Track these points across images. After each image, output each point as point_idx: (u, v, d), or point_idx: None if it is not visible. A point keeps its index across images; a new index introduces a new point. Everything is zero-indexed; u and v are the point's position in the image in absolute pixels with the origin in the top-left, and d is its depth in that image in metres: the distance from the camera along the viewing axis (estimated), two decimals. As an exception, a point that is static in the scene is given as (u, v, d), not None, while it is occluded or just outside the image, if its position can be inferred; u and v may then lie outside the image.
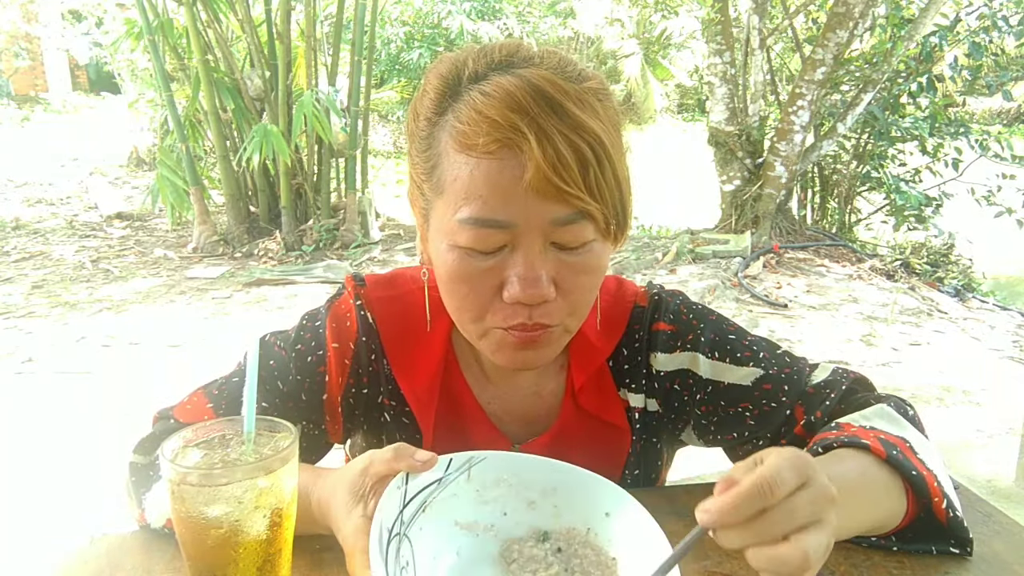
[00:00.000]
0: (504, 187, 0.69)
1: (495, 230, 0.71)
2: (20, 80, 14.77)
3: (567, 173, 0.68)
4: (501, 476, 0.72)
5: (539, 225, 0.70)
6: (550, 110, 0.68)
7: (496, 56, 0.74)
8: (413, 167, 0.79)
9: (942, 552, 0.77)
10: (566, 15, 14.33)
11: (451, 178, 0.72)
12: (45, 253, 6.24)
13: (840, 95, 6.08)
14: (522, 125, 0.68)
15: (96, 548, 0.79)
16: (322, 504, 0.71)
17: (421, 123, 0.76)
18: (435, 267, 0.78)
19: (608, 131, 0.72)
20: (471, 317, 0.77)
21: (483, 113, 0.69)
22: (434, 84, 0.76)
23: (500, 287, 0.73)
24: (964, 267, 5.86)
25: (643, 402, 0.91)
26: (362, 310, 0.89)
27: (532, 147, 0.67)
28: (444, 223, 0.73)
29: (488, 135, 0.68)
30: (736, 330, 0.92)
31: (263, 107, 6.09)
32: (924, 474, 0.74)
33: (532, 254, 0.71)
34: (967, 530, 0.77)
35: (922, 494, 0.74)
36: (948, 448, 3.01)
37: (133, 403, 3.45)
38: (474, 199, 0.70)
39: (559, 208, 0.70)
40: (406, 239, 6.67)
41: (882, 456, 0.74)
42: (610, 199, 0.71)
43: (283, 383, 0.87)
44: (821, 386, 0.87)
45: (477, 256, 0.72)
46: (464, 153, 0.71)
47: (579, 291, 0.75)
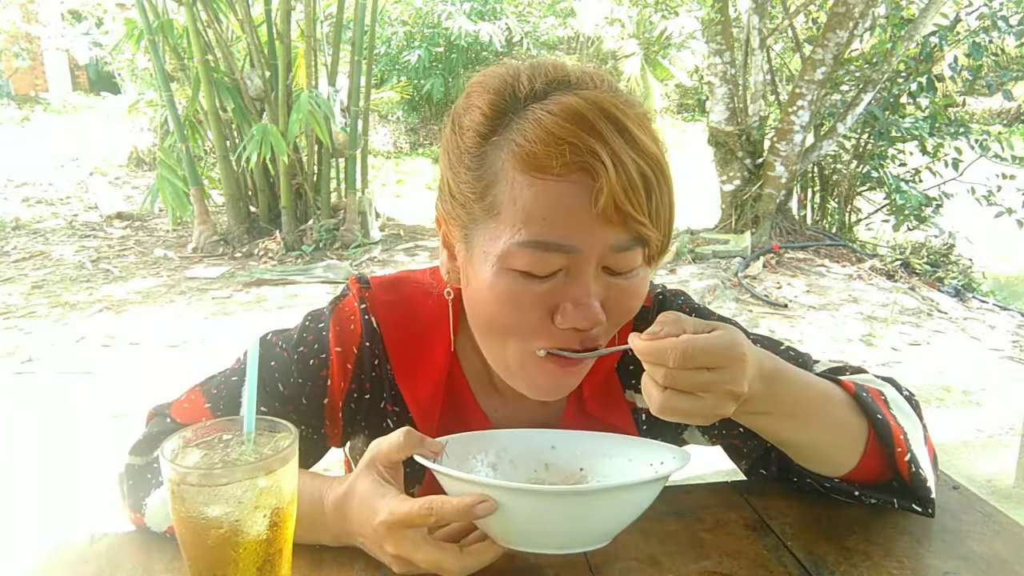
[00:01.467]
0: (573, 211, 0.68)
1: (557, 254, 0.69)
2: (20, 80, 14.76)
3: (636, 198, 0.67)
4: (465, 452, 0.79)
5: (599, 250, 0.70)
6: (618, 132, 0.68)
7: (552, 74, 0.73)
8: (457, 183, 0.75)
9: (904, 508, 0.81)
10: (566, 15, 14.33)
11: (510, 199, 0.70)
12: (45, 253, 6.24)
13: (840, 95, 6.08)
14: (599, 148, 0.66)
15: (96, 548, 0.79)
16: (341, 505, 0.72)
17: (470, 138, 0.73)
18: (475, 289, 0.75)
19: (664, 153, 0.72)
20: (519, 340, 0.75)
21: (554, 134, 0.67)
22: (486, 99, 0.73)
23: (552, 311, 0.72)
24: (964, 267, 5.86)
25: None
26: (366, 314, 0.88)
27: (609, 171, 0.66)
28: (496, 245, 0.71)
29: (562, 157, 0.66)
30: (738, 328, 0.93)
31: (263, 107, 6.09)
32: (891, 424, 0.77)
33: (587, 279, 0.71)
34: (930, 490, 0.80)
35: (885, 440, 0.77)
36: (948, 448, 3.01)
37: (133, 403, 3.45)
38: (537, 222, 0.68)
39: (621, 233, 0.69)
40: (406, 239, 6.67)
41: (850, 391, 0.78)
42: (664, 224, 0.72)
43: (284, 385, 0.86)
44: (824, 375, 0.88)
45: (531, 280, 0.71)
46: (529, 174, 0.68)
47: (623, 316, 0.76)
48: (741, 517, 0.84)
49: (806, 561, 0.75)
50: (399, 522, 0.65)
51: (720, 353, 0.64)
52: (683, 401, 0.64)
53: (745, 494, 0.89)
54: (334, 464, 1.28)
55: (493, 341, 0.78)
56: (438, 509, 0.64)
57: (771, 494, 0.88)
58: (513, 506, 0.63)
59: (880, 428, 0.77)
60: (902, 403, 0.83)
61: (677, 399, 0.64)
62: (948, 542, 0.79)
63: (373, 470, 0.70)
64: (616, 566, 0.73)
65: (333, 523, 0.72)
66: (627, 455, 0.78)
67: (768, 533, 0.80)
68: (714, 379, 0.64)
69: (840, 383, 0.79)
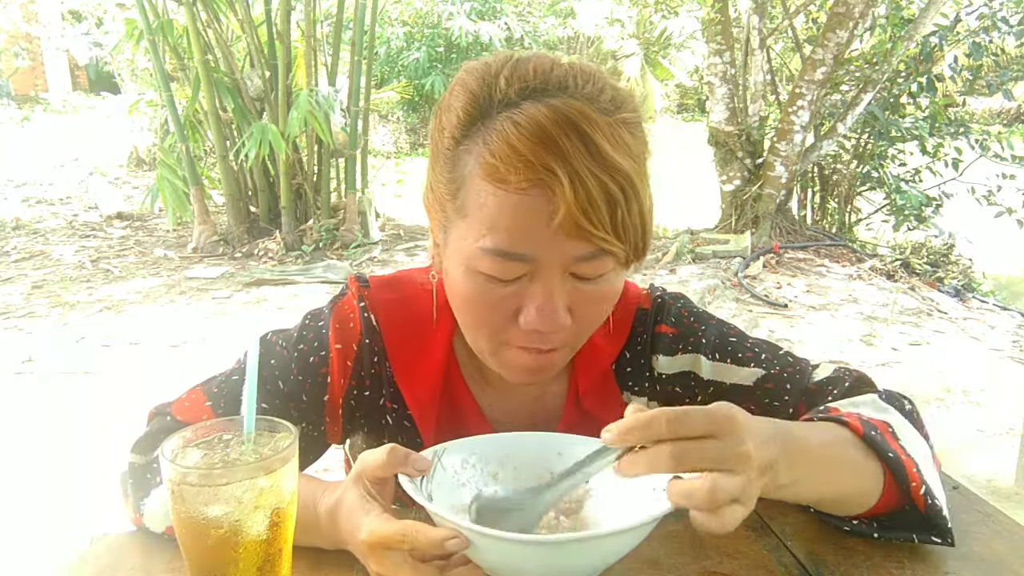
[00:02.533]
0: (531, 224, 0.69)
1: (517, 262, 0.71)
2: (20, 80, 14.77)
3: (596, 215, 0.68)
4: (465, 458, 0.76)
5: (561, 260, 0.71)
6: (583, 147, 0.68)
7: (530, 78, 0.72)
8: (436, 180, 0.77)
9: (924, 542, 0.77)
10: (566, 15, 14.34)
11: (476, 204, 0.71)
12: (45, 253, 6.24)
13: (840, 95, 6.08)
14: (556, 166, 0.67)
15: (96, 548, 0.79)
16: (332, 513, 0.71)
17: (446, 139, 0.75)
18: (450, 283, 0.79)
19: (637, 168, 0.71)
20: (485, 335, 0.78)
21: (516, 148, 0.68)
22: (462, 101, 0.74)
23: (516, 312, 0.74)
24: (964, 267, 5.86)
25: (646, 405, 0.91)
26: (366, 312, 0.89)
27: (565, 190, 0.66)
28: (464, 246, 0.73)
29: (520, 173, 0.68)
30: (737, 333, 0.92)
31: (263, 107, 6.09)
32: (902, 458, 0.74)
33: (551, 285, 0.72)
34: (947, 520, 0.76)
35: (900, 478, 0.74)
36: (948, 448, 3.01)
37: (133, 403, 3.45)
38: (499, 231, 0.70)
39: (583, 246, 0.70)
40: (406, 239, 6.67)
41: (859, 432, 0.74)
42: (633, 237, 0.71)
43: (284, 383, 0.87)
44: (824, 383, 0.87)
45: (496, 283, 0.73)
46: (492, 184, 0.70)
47: (592, 317, 0.77)
48: (741, 517, 0.83)
49: (806, 561, 0.75)
50: (378, 543, 0.64)
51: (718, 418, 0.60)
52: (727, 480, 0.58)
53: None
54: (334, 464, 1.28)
55: (467, 331, 0.81)
56: (411, 538, 0.62)
57: (771, 494, 0.88)
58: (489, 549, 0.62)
59: (893, 466, 0.74)
60: (907, 429, 0.80)
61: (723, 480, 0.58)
62: (948, 542, 0.79)
63: (360, 484, 0.69)
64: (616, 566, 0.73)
65: (327, 530, 0.72)
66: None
67: (768, 533, 0.80)
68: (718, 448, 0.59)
69: (846, 423, 0.75)
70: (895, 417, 0.80)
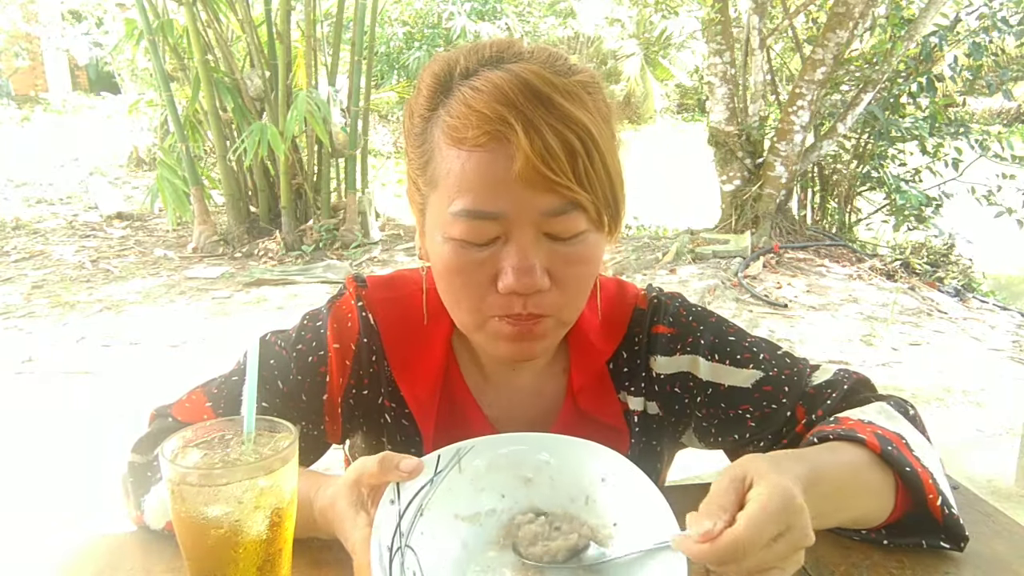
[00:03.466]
0: (494, 179, 0.70)
1: (487, 221, 0.72)
2: (20, 80, 14.76)
3: (556, 163, 0.69)
4: (492, 460, 0.72)
5: (530, 216, 0.71)
6: (538, 102, 0.69)
7: (487, 53, 0.76)
8: (409, 163, 0.80)
9: (932, 546, 0.78)
10: (566, 15, 14.34)
11: (444, 172, 0.74)
12: (45, 253, 6.24)
13: (840, 95, 6.08)
14: (510, 117, 0.69)
15: (96, 548, 0.79)
16: (325, 513, 0.71)
17: (416, 120, 0.78)
18: (432, 261, 0.80)
19: (597, 123, 0.72)
20: (467, 308, 0.77)
21: (472, 107, 0.70)
22: (427, 82, 0.77)
23: (495, 278, 0.74)
24: (964, 267, 5.86)
25: (642, 405, 0.91)
26: (363, 311, 0.89)
27: (520, 138, 0.68)
28: (439, 216, 0.75)
29: (477, 128, 0.70)
30: (736, 332, 0.92)
31: (263, 107, 6.09)
32: (919, 471, 0.75)
33: (525, 244, 0.72)
34: (963, 527, 0.77)
35: (916, 490, 0.74)
36: (948, 448, 3.01)
37: (133, 403, 3.45)
38: (465, 192, 0.72)
39: (550, 199, 0.71)
40: (406, 239, 6.67)
41: (876, 451, 0.74)
42: (600, 190, 0.72)
43: (283, 383, 0.87)
44: (822, 386, 0.87)
45: (471, 248, 0.73)
46: (455, 147, 0.72)
47: (573, 281, 0.76)
48: (741, 517, 0.83)
49: (806, 561, 0.75)
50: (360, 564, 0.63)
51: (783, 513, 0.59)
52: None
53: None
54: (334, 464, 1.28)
55: (453, 309, 0.80)
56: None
57: (771, 494, 0.88)
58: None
59: (910, 480, 0.74)
60: (918, 439, 0.80)
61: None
62: (948, 542, 0.79)
63: (355, 490, 0.68)
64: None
65: (322, 526, 0.72)
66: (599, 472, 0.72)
67: (768, 533, 0.80)
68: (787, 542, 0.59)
69: (863, 441, 0.75)
70: (906, 428, 0.80)
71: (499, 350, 0.79)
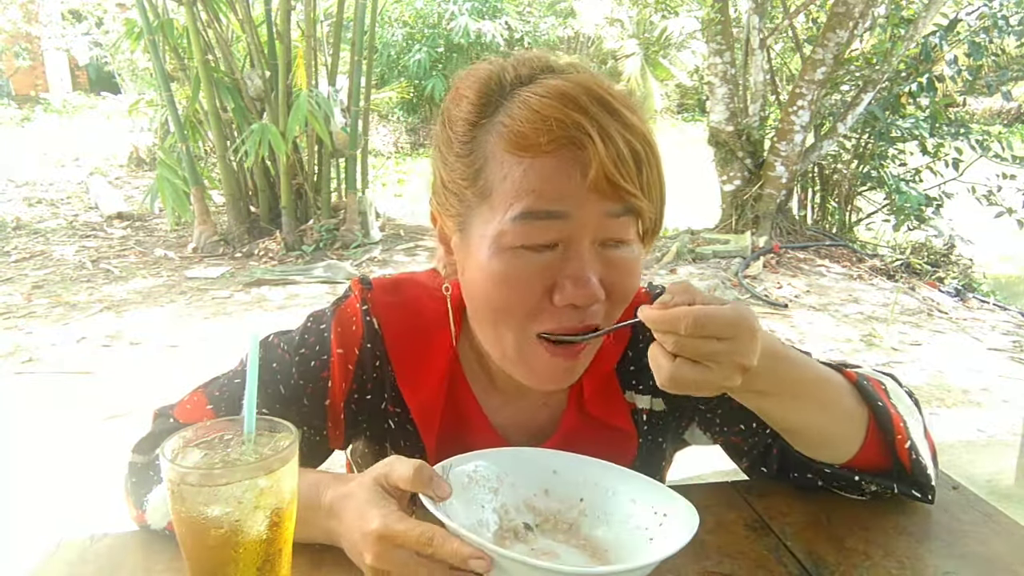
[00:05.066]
0: (562, 182, 0.69)
1: (552, 221, 0.70)
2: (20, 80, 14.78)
3: (625, 170, 0.69)
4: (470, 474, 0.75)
5: (593, 219, 0.70)
6: (606, 110, 0.70)
7: (536, 63, 0.75)
8: (449, 173, 0.77)
9: (903, 493, 0.81)
10: (566, 15, 14.34)
11: (500, 179, 0.71)
12: (45, 253, 6.24)
13: (840, 95, 6.08)
14: (586, 123, 0.68)
15: (96, 548, 0.79)
16: (336, 504, 0.71)
17: (459, 127, 0.75)
18: (473, 276, 0.76)
19: (652, 133, 0.74)
20: (517, 324, 0.75)
21: (541, 112, 0.69)
22: (474, 88, 0.75)
23: (550, 290, 0.72)
24: (964, 267, 5.86)
25: (650, 403, 0.91)
26: (368, 315, 0.88)
27: (597, 145, 0.68)
28: (491, 227, 0.72)
29: (550, 133, 0.68)
30: None
31: (263, 107, 6.09)
32: (891, 412, 0.78)
33: (583, 254, 0.71)
34: (930, 477, 0.80)
35: (885, 428, 0.78)
36: (948, 448, 3.01)
37: (133, 403, 3.45)
38: (527, 195, 0.70)
39: (613, 204, 0.71)
40: (406, 239, 6.67)
41: (851, 379, 0.79)
42: (656, 199, 0.74)
43: (284, 387, 0.87)
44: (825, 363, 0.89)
45: (527, 256, 0.71)
46: (516, 154, 0.70)
47: (620, 293, 0.75)
48: (741, 517, 0.84)
49: (806, 561, 0.75)
50: (391, 537, 0.63)
51: (731, 323, 0.63)
52: (692, 371, 0.63)
53: (745, 494, 0.89)
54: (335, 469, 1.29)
55: (491, 328, 0.78)
56: (439, 545, 0.62)
57: (771, 494, 0.88)
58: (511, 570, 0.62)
59: (880, 415, 0.78)
60: (903, 395, 0.84)
61: (686, 368, 0.63)
62: (948, 542, 0.79)
63: (379, 484, 0.68)
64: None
65: (325, 519, 0.72)
66: (630, 495, 0.75)
67: (768, 533, 0.80)
68: (724, 349, 0.63)
69: (842, 371, 0.80)
70: (892, 384, 0.84)
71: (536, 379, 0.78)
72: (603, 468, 0.78)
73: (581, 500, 0.77)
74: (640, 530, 0.72)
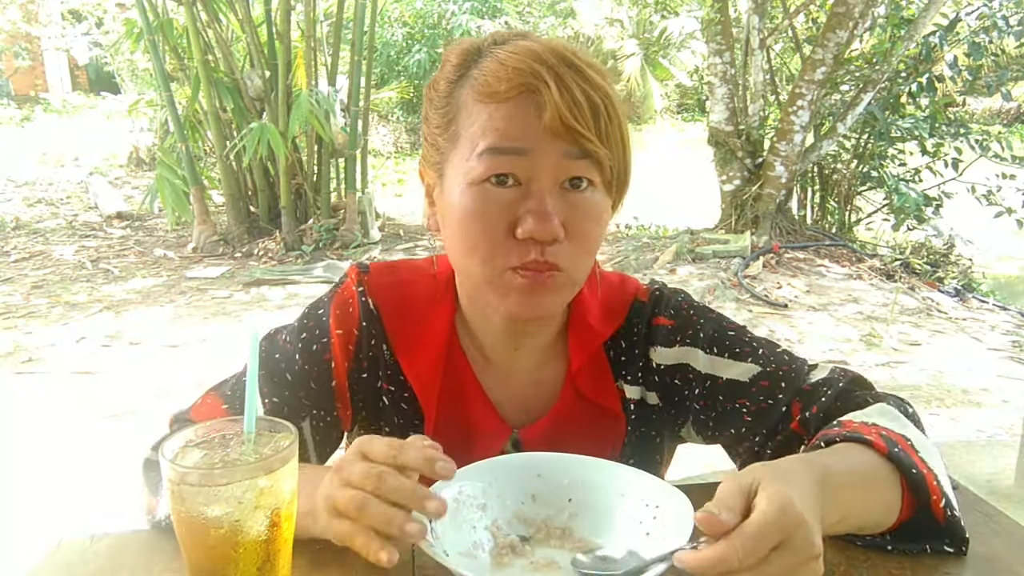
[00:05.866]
0: (521, 122, 0.75)
1: (511, 157, 0.76)
2: (20, 80, 14.78)
3: (581, 116, 0.74)
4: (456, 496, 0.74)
5: (552, 158, 0.75)
6: (567, 65, 0.76)
7: (514, 32, 0.84)
8: (429, 128, 0.84)
9: (936, 550, 0.77)
10: (566, 15, 14.35)
11: (469, 124, 0.78)
12: (45, 253, 6.24)
13: (840, 95, 6.08)
14: (543, 71, 0.75)
15: (96, 548, 0.79)
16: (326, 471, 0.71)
17: (441, 87, 0.83)
18: (447, 217, 0.82)
19: (616, 94, 0.79)
20: (483, 257, 0.79)
21: (504, 63, 0.76)
22: (456, 54, 0.83)
23: (513, 225, 0.77)
24: (964, 267, 5.86)
25: (640, 394, 0.92)
26: (364, 296, 0.91)
27: (552, 91, 0.74)
28: (461, 166, 0.78)
29: (510, 80, 0.75)
30: (736, 328, 0.93)
31: (263, 107, 6.09)
32: (924, 472, 0.74)
33: (543, 191, 0.76)
34: (964, 530, 0.76)
35: (920, 492, 0.74)
36: (948, 448, 3.01)
37: (133, 403, 3.45)
38: (491, 132, 0.76)
39: (570, 147, 0.76)
40: (406, 239, 6.67)
41: (883, 452, 0.73)
42: (615, 151, 0.78)
43: (290, 374, 0.89)
44: (819, 384, 0.87)
45: (492, 191, 0.76)
46: (483, 101, 0.77)
47: (584, 238, 0.79)
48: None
49: (806, 561, 0.75)
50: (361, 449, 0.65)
51: (779, 523, 0.57)
52: None
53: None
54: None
55: (467, 261, 0.81)
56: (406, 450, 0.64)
57: (771, 494, 0.88)
58: None
59: (914, 482, 0.74)
60: (922, 439, 0.80)
61: None
62: (948, 542, 0.79)
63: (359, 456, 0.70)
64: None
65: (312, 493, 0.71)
66: (619, 489, 0.75)
67: (768, 533, 0.80)
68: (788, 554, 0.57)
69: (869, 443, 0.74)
70: (911, 430, 0.80)
71: (510, 305, 0.80)
72: (586, 464, 0.77)
73: (570, 500, 0.76)
74: (634, 524, 0.72)
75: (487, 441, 0.90)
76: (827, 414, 0.84)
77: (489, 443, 0.90)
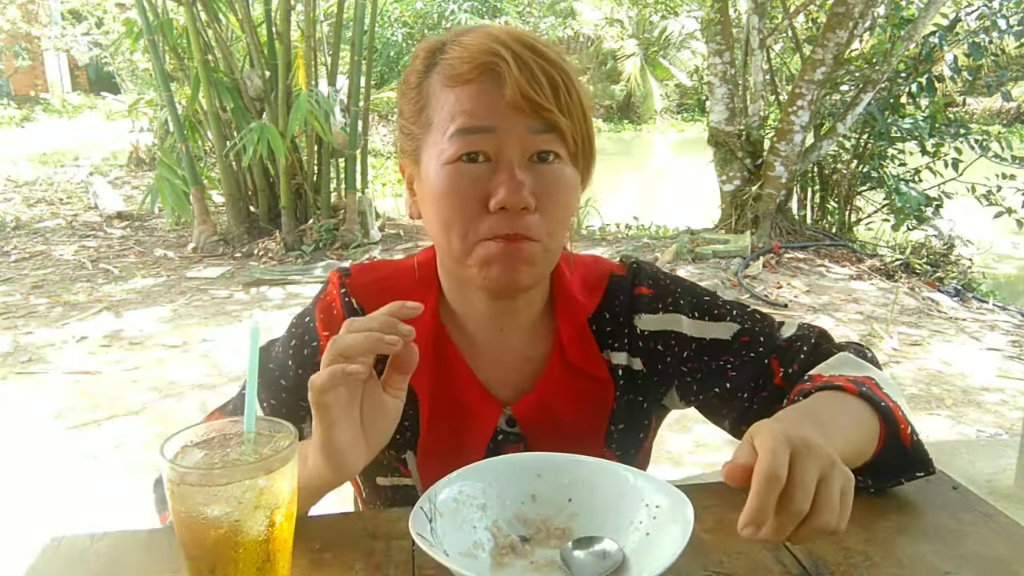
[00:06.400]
0: (486, 101, 0.79)
1: (480, 135, 0.79)
2: (20, 80, 14.79)
3: (540, 90, 0.78)
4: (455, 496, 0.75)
5: (518, 133, 0.79)
6: (524, 46, 0.80)
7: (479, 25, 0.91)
8: (403, 119, 0.88)
9: (911, 480, 0.85)
10: (566, 15, 14.36)
11: (438, 109, 0.82)
12: (45, 253, 6.24)
13: (840, 95, 6.08)
14: (502, 51, 0.79)
15: (96, 548, 0.79)
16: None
17: (411, 80, 0.87)
18: (425, 199, 0.85)
19: (575, 73, 0.83)
20: (458, 232, 0.82)
21: (467, 48, 0.80)
22: (423, 49, 0.87)
23: (486, 199, 0.80)
24: (964, 267, 5.86)
25: (627, 360, 0.95)
26: (346, 296, 0.93)
27: (511, 68, 0.78)
28: (434, 150, 0.82)
29: (472, 61, 0.79)
30: (709, 292, 0.99)
31: (263, 107, 6.09)
32: (890, 405, 0.82)
33: (512, 164, 0.80)
34: (927, 451, 0.85)
35: (890, 422, 0.82)
36: (948, 448, 3.01)
37: (133, 403, 3.45)
38: (459, 114, 0.80)
39: (534, 122, 0.79)
40: (406, 239, 6.67)
41: (854, 392, 0.81)
42: (577, 122, 0.82)
43: (285, 380, 0.91)
44: (793, 339, 0.95)
45: (465, 168, 0.80)
46: (450, 86, 0.81)
47: (555, 208, 0.82)
48: (741, 517, 0.83)
49: (806, 561, 0.75)
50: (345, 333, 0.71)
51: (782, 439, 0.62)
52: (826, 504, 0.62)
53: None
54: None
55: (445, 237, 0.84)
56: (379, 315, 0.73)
57: (771, 494, 0.88)
58: None
59: (885, 414, 0.81)
60: (884, 377, 0.89)
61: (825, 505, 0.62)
62: (948, 542, 0.79)
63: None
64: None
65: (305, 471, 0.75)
66: (618, 489, 0.75)
67: (768, 533, 0.80)
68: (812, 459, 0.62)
69: (842, 387, 0.82)
70: (873, 371, 0.89)
71: (489, 275, 0.83)
72: (586, 464, 0.78)
73: (570, 500, 0.77)
74: (634, 525, 0.72)
75: (481, 421, 0.91)
76: (804, 369, 0.92)
77: (483, 423, 0.91)
